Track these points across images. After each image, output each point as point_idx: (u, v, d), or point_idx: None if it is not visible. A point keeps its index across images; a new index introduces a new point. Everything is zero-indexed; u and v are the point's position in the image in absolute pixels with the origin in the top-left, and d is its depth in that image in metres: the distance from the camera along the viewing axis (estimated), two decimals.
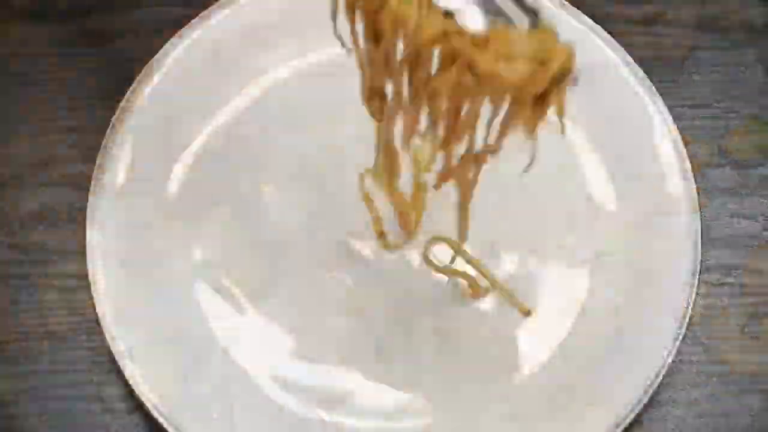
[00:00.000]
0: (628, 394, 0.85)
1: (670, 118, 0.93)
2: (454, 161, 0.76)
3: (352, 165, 0.94)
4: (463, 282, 0.89)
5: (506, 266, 0.92)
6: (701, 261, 0.88)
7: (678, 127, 0.93)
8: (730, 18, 1.06)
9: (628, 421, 0.84)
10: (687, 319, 0.86)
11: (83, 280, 0.90)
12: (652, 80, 0.95)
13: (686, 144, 0.93)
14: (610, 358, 0.87)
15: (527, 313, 0.90)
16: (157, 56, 0.94)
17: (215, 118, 0.96)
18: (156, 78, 0.94)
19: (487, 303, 0.91)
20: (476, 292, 0.89)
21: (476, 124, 0.70)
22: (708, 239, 0.97)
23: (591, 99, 0.96)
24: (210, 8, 0.96)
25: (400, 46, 0.67)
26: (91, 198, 0.89)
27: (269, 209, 0.94)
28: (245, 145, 0.95)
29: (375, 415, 0.87)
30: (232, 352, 0.88)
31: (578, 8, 0.97)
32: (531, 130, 0.68)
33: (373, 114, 0.77)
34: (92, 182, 0.90)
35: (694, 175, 0.91)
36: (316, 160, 0.95)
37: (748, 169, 1.00)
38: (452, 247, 0.88)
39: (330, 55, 0.98)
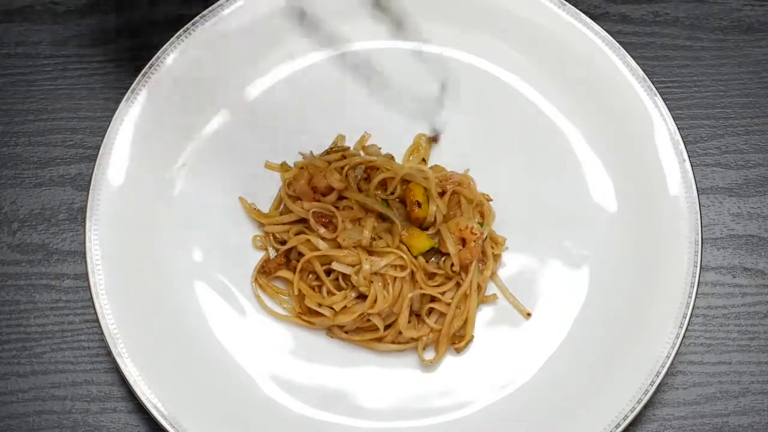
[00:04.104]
0: (628, 394, 0.85)
1: (671, 118, 0.93)
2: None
3: None
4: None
5: (506, 267, 0.92)
6: (701, 261, 0.88)
7: (678, 127, 0.93)
8: (729, 18, 1.06)
9: (628, 421, 0.84)
10: (687, 319, 0.86)
11: (83, 280, 0.90)
12: (652, 80, 0.95)
13: (686, 144, 0.93)
14: (610, 358, 0.87)
15: (528, 316, 0.90)
16: (156, 56, 0.94)
17: (214, 118, 0.96)
18: (155, 78, 0.94)
19: (487, 305, 0.91)
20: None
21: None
22: (708, 239, 0.97)
23: (591, 99, 0.96)
24: (210, 8, 0.96)
25: None
26: (90, 198, 0.89)
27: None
28: (245, 145, 0.95)
29: (375, 415, 0.87)
30: (232, 352, 0.88)
31: (578, 8, 0.97)
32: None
33: None
34: (92, 182, 0.90)
35: (694, 175, 0.91)
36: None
37: (748, 169, 1.00)
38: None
39: (329, 54, 0.99)
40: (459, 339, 0.89)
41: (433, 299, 0.89)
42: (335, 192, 0.90)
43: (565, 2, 0.97)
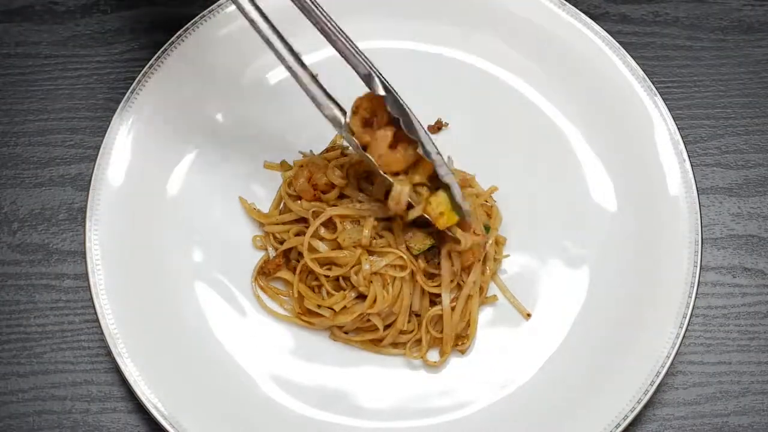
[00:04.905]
0: (628, 394, 0.85)
1: (671, 118, 0.93)
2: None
3: None
4: None
5: (507, 267, 0.92)
6: (701, 261, 0.88)
7: (678, 127, 0.93)
8: (729, 18, 1.06)
9: (628, 421, 0.84)
10: (687, 319, 0.86)
11: (83, 280, 0.90)
12: (652, 80, 0.95)
13: (686, 144, 0.93)
14: (610, 358, 0.87)
15: (528, 316, 0.90)
16: (156, 56, 0.94)
17: (215, 118, 0.96)
18: (155, 78, 0.94)
19: (487, 305, 0.91)
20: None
21: None
22: (708, 239, 0.97)
23: (591, 99, 0.96)
24: (210, 8, 0.96)
25: None
26: (90, 198, 0.89)
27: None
28: (244, 145, 0.95)
29: (375, 415, 0.87)
30: (232, 352, 0.88)
31: (578, 8, 0.98)
32: None
33: None
34: (92, 182, 0.90)
35: (694, 175, 0.91)
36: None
37: (748, 169, 1.00)
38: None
39: (327, 54, 0.98)
40: (462, 340, 0.89)
41: (433, 302, 0.89)
42: (335, 189, 0.89)
43: (565, 2, 0.97)
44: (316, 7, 0.82)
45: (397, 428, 0.87)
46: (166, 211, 0.92)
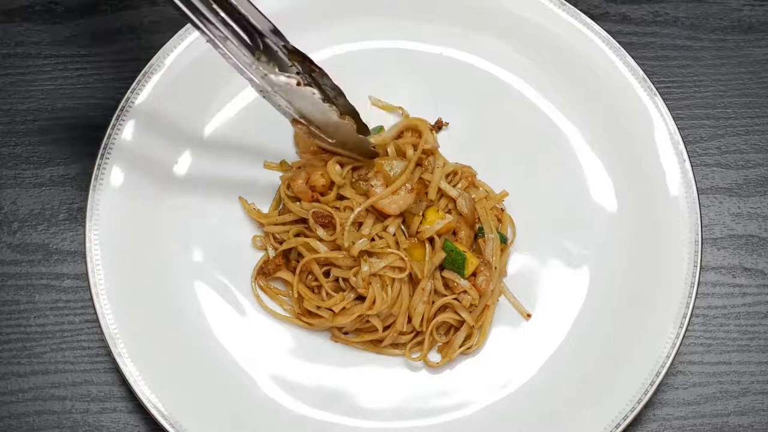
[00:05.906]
0: (628, 394, 0.85)
1: (670, 118, 0.93)
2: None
3: None
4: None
5: (507, 267, 0.92)
6: (701, 261, 0.88)
7: (678, 127, 0.93)
8: (729, 18, 1.06)
9: (628, 421, 0.84)
10: (687, 319, 0.86)
11: (83, 280, 0.90)
12: (652, 80, 0.95)
13: (686, 144, 0.93)
14: (610, 359, 0.87)
15: (528, 317, 0.90)
16: (156, 56, 0.94)
17: (215, 118, 0.96)
18: (155, 79, 0.94)
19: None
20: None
21: None
22: (708, 239, 0.97)
23: (591, 99, 0.96)
24: None
25: None
26: (90, 198, 0.89)
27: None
28: (244, 145, 0.95)
29: (375, 415, 0.87)
30: (232, 352, 0.88)
31: (578, 8, 0.98)
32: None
33: None
34: (92, 182, 0.90)
35: (694, 175, 0.91)
36: None
37: (748, 169, 1.00)
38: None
39: (327, 54, 0.99)
40: (469, 343, 0.89)
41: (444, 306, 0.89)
42: (333, 191, 0.89)
43: (565, 2, 0.97)
44: None
45: (397, 428, 0.87)
46: (166, 211, 0.92)
